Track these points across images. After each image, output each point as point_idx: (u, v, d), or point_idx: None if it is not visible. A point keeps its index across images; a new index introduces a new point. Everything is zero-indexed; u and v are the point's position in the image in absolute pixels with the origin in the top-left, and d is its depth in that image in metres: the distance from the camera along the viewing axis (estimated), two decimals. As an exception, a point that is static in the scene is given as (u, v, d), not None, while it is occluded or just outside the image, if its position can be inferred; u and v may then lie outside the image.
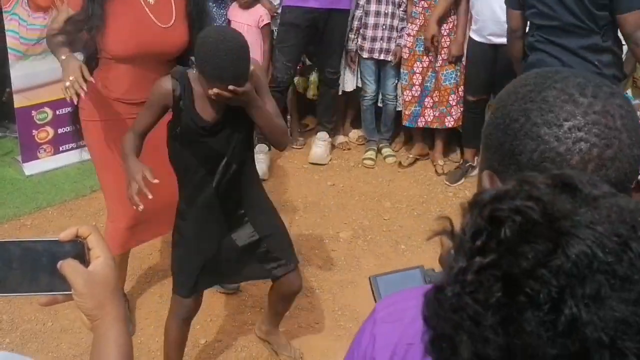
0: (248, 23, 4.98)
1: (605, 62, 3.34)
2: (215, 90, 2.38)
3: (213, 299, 3.56)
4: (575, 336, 0.59)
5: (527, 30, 3.56)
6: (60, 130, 4.74)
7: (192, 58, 2.70)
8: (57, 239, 1.01)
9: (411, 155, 5.16)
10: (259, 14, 4.95)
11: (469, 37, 4.65)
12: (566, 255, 0.61)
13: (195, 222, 2.76)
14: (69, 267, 1.01)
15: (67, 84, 2.61)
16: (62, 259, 1.00)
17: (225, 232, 2.82)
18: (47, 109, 4.65)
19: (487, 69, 4.52)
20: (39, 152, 4.71)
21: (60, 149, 4.80)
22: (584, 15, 3.28)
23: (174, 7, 2.97)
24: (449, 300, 0.65)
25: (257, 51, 5.11)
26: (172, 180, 2.75)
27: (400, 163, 5.12)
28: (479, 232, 0.65)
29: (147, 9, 2.92)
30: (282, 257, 2.90)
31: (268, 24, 4.99)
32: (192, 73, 2.56)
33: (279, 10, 4.97)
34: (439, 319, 0.66)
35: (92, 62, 2.96)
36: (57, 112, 4.68)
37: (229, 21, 5.08)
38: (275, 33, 5.01)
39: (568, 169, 0.89)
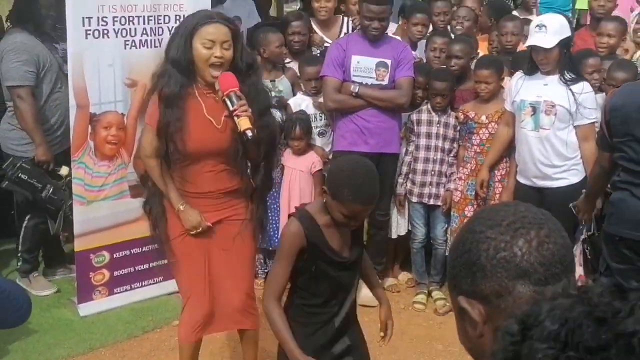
0: (301, 169, 5.15)
1: None
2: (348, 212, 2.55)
3: None
4: None
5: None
6: (116, 273, 4.84)
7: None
8: None
9: (448, 304, 5.10)
10: (312, 161, 5.12)
11: (517, 179, 4.73)
12: None
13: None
14: None
15: (193, 233, 3.30)
16: None
17: None
18: (105, 253, 4.76)
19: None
20: (94, 293, 4.79)
21: (115, 290, 4.87)
22: None
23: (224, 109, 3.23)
24: None
25: (309, 196, 5.24)
26: (237, 284, 3.27)
27: (436, 310, 5.07)
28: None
29: (207, 115, 3.22)
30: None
31: (320, 170, 5.14)
32: (312, 207, 2.70)
33: (330, 157, 5.13)
34: None
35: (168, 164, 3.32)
36: (115, 256, 4.80)
37: (282, 166, 5.26)
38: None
39: (518, 250, 1.12)
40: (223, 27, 3.14)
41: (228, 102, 3.13)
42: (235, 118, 3.11)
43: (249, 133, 3.11)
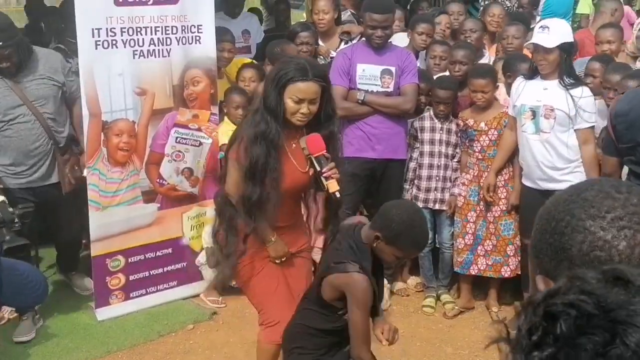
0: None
1: None
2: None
3: None
4: None
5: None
6: (131, 277, 4.97)
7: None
8: None
9: (457, 307, 5.19)
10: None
11: (522, 182, 4.80)
12: (625, 344, 0.60)
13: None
14: None
15: (277, 262, 3.46)
16: None
17: None
18: (120, 257, 4.89)
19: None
20: (111, 298, 4.91)
21: (131, 295, 4.99)
22: None
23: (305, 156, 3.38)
24: None
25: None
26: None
27: (445, 314, 5.15)
28: (535, 328, 0.66)
29: (290, 156, 3.35)
30: None
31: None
32: (359, 257, 2.84)
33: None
34: None
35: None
36: (130, 260, 4.93)
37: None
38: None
39: (617, 254, 0.96)
40: (314, 85, 3.21)
41: (316, 164, 3.28)
42: (324, 179, 3.26)
43: (337, 195, 3.28)
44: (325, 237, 3.56)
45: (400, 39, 5.65)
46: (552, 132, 4.50)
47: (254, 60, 6.10)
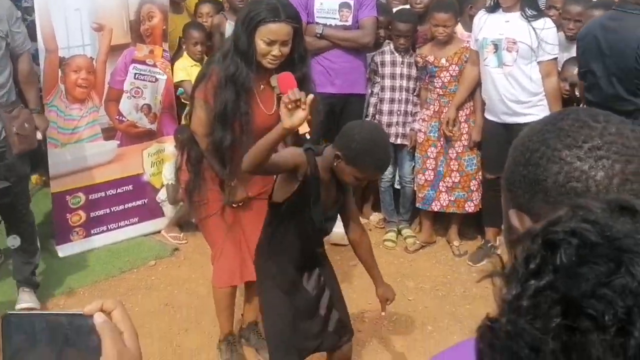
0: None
1: None
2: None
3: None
4: None
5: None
6: (92, 214, 4.94)
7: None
8: (81, 312, 0.92)
9: (418, 242, 5.24)
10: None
11: (484, 117, 4.82)
12: (631, 274, 0.57)
13: (286, 294, 2.96)
14: (109, 331, 0.90)
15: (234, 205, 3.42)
16: (87, 332, 0.92)
17: (310, 301, 3.02)
18: (80, 194, 4.86)
19: (502, 147, 4.64)
20: (72, 235, 4.89)
21: (92, 232, 4.97)
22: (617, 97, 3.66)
23: (275, 96, 3.28)
24: (504, 328, 0.61)
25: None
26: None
27: (406, 248, 5.21)
28: (533, 257, 0.62)
29: (258, 98, 3.28)
30: (347, 326, 3.16)
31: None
32: (320, 159, 2.79)
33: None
34: (494, 351, 0.62)
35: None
36: (90, 197, 4.90)
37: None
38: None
39: (594, 185, 0.92)
40: (286, 26, 3.13)
41: None
42: None
43: (308, 137, 3.18)
44: None
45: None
46: (515, 65, 4.49)
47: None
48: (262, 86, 3.31)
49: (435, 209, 5.12)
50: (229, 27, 5.30)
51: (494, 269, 0.67)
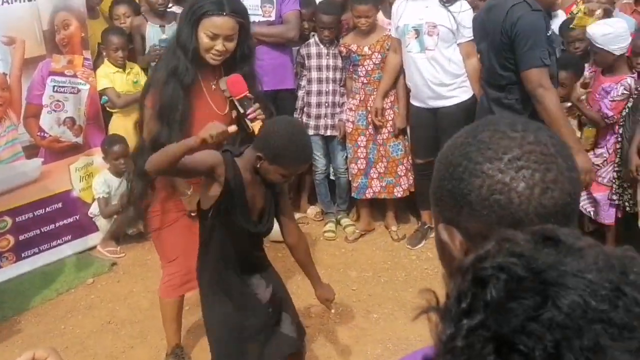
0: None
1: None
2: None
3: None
4: None
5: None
6: (21, 237, 4.74)
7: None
8: None
9: (357, 231, 5.28)
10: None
11: (411, 103, 4.86)
12: (557, 307, 0.57)
13: (229, 302, 2.88)
14: None
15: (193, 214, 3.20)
16: None
17: (257, 308, 2.94)
18: (6, 218, 4.65)
19: (430, 131, 4.72)
20: (2, 260, 4.69)
21: (22, 255, 4.78)
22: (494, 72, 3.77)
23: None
24: None
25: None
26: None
27: (346, 238, 5.23)
28: (464, 295, 0.63)
29: (208, 98, 3.17)
30: (301, 327, 3.12)
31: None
32: (241, 160, 2.70)
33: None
34: None
35: None
36: (17, 219, 4.70)
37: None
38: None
39: (516, 197, 0.93)
40: (231, 21, 3.02)
41: (239, 106, 3.07)
42: (249, 122, 3.02)
43: None
44: None
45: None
46: (437, 48, 4.54)
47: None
48: (213, 86, 3.21)
49: (369, 197, 5.16)
50: (149, 29, 5.18)
51: (428, 305, 0.68)
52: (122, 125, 5.14)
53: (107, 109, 5.14)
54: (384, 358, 3.81)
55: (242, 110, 3.04)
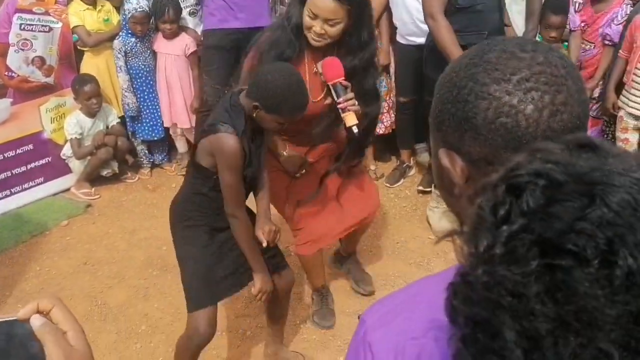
0: (175, 53, 5.05)
1: None
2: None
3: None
4: (638, 290, 0.53)
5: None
6: (-8, 178, 4.65)
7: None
8: (15, 317, 0.82)
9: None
10: (185, 43, 5.04)
11: (397, 40, 4.78)
12: (606, 205, 0.55)
13: (204, 233, 2.82)
14: (51, 333, 0.81)
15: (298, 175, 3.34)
16: (25, 340, 0.81)
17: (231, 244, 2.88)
18: (-23, 159, 4.55)
19: (414, 69, 4.65)
20: (-26, 203, 4.60)
21: (-6, 197, 4.69)
22: None
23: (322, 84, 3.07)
24: (480, 279, 0.58)
25: (186, 79, 5.14)
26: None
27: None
28: (500, 203, 0.59)
29: (307, 79, 2.95)
30: (278, 250, 3.06)
31: (195, 52, 5.06)
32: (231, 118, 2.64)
33: (202, 37, 5.02)
34: (471, 305, 0.59)
35: None
36: (-12, 161, 4.59)
37: (155, 53, 5.10)
38: (201, 57, 5.07)
39: (524, 120, 0.89)
40: (334, 4, 2.83)
41: (333, 93, 2.94)
42: (341, 112, 2.92)
43: (355, 130, 2.93)
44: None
45: None
46: None
47: None
48: (314, 69, 3.07)
49: (350, 134, 5.09)
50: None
51: (453, 229, 0.65)
52: (94, 64, 5.02)
53: (78, 47, 5.00)
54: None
55: (335, 98, 2.94)
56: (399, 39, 4.76)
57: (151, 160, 5.42)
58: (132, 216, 4.72)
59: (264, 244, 2.83)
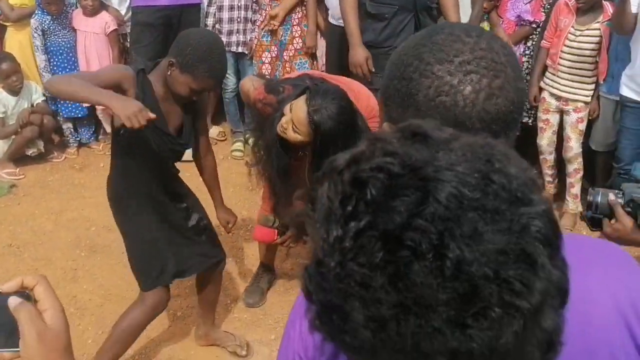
0: (95, 31, 4.97)
1: None
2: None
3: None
4: (464, 277, 0.59)
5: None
6: None
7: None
8: None
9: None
10: (105, 21, 4.97)
11: (328, 21, 4.77)
12: (437, 201, 0.61)
13: (146, 215, 2.81)
14: (26, 312, 0.87)
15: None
16: (5, 312, 0.87)
17: (176, 220, 2.92)
18: None
19: (344, 51, 4.67)
20: None
21: None
22: None
23: None
24: (332, 270, 0.63)
25: (106, 57, 5.05)
26: None
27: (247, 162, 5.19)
28: (347, 198, 0.64)
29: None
30: (219, 246, 3.13)
31: (115, 30, 4.98)
32: (155, 73, 2.62)
33: (129, 14, 4.95)
34: (325, 292, 0.65)
35: None
36: None
37: (75, 30, 5.00)
38: (129, 35, 4.99)
39: (461, 99, 0.94)
40: (304, 115, 2.67)
41: None
42: None
43: None
44: None
45: None
46: None
47: None
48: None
49: (275, 114, 5.10)
50: None
51: (306, 210, 0.69)
52: (17, 40, 4.89)
53: (1, 22, 4.84)
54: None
55: None
56: (330, 19, 4.76)
57: (78, 139, 5.32)
58: (58, 196, 4.64)
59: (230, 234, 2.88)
